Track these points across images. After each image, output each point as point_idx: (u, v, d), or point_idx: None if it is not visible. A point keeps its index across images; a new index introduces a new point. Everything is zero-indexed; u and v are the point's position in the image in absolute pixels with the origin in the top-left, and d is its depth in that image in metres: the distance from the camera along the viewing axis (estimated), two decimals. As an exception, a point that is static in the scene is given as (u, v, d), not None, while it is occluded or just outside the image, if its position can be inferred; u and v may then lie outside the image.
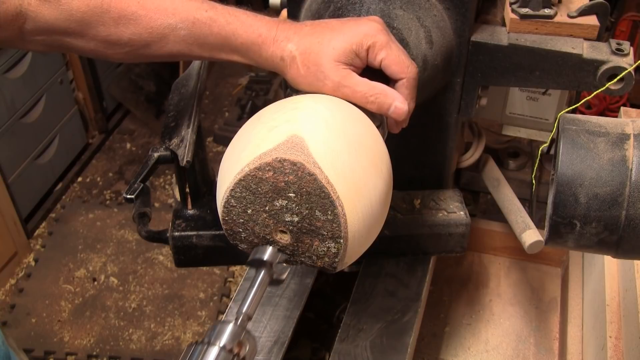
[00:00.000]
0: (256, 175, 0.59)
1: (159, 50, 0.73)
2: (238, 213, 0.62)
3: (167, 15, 0.71)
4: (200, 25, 0.71)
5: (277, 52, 0.69)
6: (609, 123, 0.62)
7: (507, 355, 1.07)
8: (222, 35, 0.71)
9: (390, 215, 0.90)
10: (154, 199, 2.77)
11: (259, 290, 0.59)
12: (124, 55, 0.75)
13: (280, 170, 0.58)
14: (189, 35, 0.71)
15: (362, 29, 0.67)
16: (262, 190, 0.59)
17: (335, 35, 0.67)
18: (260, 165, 0.59)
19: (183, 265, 0.93)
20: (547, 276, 1.19)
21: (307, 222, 0.60)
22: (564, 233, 0.61)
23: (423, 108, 0.88)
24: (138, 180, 0.82)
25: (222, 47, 0.72)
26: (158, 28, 0.71)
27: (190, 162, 0.84)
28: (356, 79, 0.67)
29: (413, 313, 0.90)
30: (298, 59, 0.68)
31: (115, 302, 2.35)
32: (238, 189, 0.60)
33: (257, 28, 0.70)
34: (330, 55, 0.66)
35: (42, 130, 2.60)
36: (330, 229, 0.59)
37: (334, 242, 0.60)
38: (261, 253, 0.60)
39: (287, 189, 0.59)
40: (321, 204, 0.58)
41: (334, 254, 0.60)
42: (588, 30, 0.84)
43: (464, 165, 1.09)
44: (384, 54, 0.67)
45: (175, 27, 0.71)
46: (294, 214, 0.60)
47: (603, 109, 2.79)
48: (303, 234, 0.60)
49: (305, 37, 0.68)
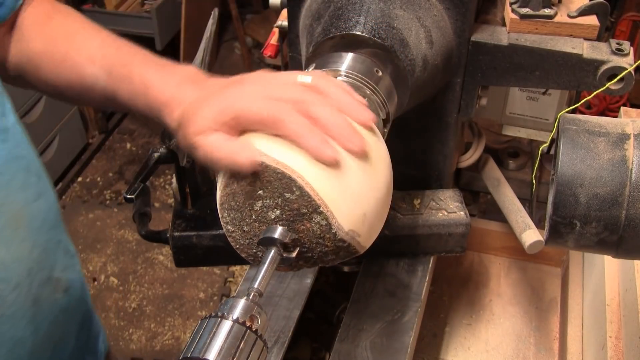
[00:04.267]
0: (227, 193, 0.61)
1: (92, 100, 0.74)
2: (240, 235, 0.63)
3: (93, 65, 0.71)
4: (114, 80, 0.70)
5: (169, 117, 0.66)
6: (609, 123, 0.62)
7: (507, 355, 1.07)
8: (130, 94, 0.69)
9: (390, 215, 0.90)
10: (154, 199, 2.77)
11: (269, 267, 0.59)
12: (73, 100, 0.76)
13: (240, 176, 0.60)
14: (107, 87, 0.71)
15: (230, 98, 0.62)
16: (240, 202, 0.61)
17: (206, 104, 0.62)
18: (225, 183, 0.61)
19: (183, 265, 0.93)
20: (547, 276, 1.19)
21: (288, 209, 0.59)
22: (564, 233, 0.61)
23: (423, 108, 0.89)
24: (138, 180, 0.82)
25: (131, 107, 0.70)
26: (86, 76, 0.71)
27: (190, 162, 0.84)
28: (210, 139, 0.60)
29: (413, 313, 0.90)
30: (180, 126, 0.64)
31: (115, 302, 2.35)
32: (224, 213, 0.62)
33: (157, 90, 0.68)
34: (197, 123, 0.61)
35: (42, 130, 2.60)
36: (306, 203, 0.59)
37: (317, 214, 0.59)
38: (271, 231, 0.60)
39: (255, 189, 0.60)
40: (284, 186, 0.58)
41: (327, 225, 0.59)
42: (588, 30, 0.84)
43: (464, 165, 1.09)
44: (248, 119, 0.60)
45: (97, 78, 0.71)
46: (273, 208, 0.60)
47: (603, 109, 2.79)
48: (293, 223, 0.60)
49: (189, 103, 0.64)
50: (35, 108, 2.51)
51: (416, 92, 0.79)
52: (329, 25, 0.76)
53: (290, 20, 0.88)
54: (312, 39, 0.78)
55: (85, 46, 0.73)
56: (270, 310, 0.91)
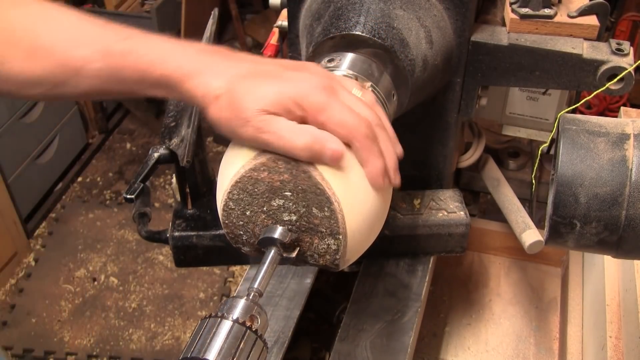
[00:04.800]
0: (251, 176, 0.59)
1: (76, 88, 0.66)
2: (237, 215, 0.62)
3: (80, 46, 0.64)
4: (115, 57, 0.63)
5: (199, 88, 0.60)
6: (609, 123, 0.62)
7: (507, 355, 1.07)
8: (139, 68, 0.63)
9: (390, 215, 0.90)
10: (154, 199, 2.77)
11: (269, 267, 0.59)
12: (40, 95, 0.68)
13: (275, 170, 0.58)
14: (104, 68, 0.64)
15: (299, 86, 0.59)
16: (258, 191, 0.60)
17: (269, 83, 0.59)
18: (254, 166, 0.59)
19: (183, 265, 0.93)
20: (547, 276, 1.19)
21: (305, 220, 0.60)
22: (564, 233, 0.61)
23: (423, 108, 0.89)
24: (138, 180, 0.82)
25: (140, 81, 0.64)
26: (71, 60, 0.64)
27: (190, 162, 0.84)
28: (281, 123, 0.57)
29: (413, 313, 0.90)
30: (223, 99, 0.59)
31: (115, 302, 2.35)
32: (235, 191, 0.60)
33: (176, 59, 0.62)
34: (256, 101, 0.58)
35: (42, 130, 2.60)
36: (329, 225, 0.59)
37: (333, 238, 0.60)
38: (271, 231, 0.60)
39: (282, 188, 0.59)
40: (317, 201, 0.58)
41: (334, 250, 0.61)
42: (588, 30, 0.84)
43: (464, 165, 1.09)
44: (323, 118, 0.58)
45: (89, 60, 0.64)
46: (291, 212, 0.60)
47: (603, 109, 2.79)
48: (302, 232, 0.60)
49: (237, 77, 0.60)
50: (35, 108, 2.51)
51: (416, 92, 0.79)
52: (329, 25, 0.76)
53: (290, 20, 0.88)
54: (312, 39, 0.78)
55: (59, 28, 0.66)
56: (270, 310, 0.91)
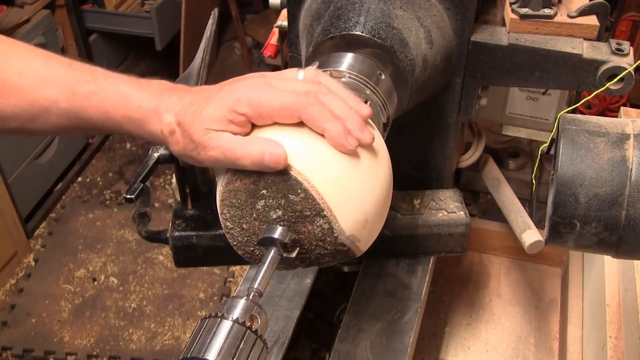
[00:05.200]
0: (229, 189, 0.61)
1: (45, 124, 0.68)
2: (239, 233, 0.63)
3: (47, 87, 0.66)
4: (80, 98, 0.66)
5: (157, 125, 0.63)
6: (609, 123, 0.62)
7: (507, 355, 1.07)
8: (103, 109, 0.65)
9: (390, 215, 0.90)
10: (154, 199, 2.77)
11: (269, 267, 0.59)
12: (13, 131, 0.70)
13: (244, 174, 0.60)
14: (70, 108, 0.66)
15: (233, 94, 0.60)
16: (241, 200, 0.61)
17: (208, 104, 0.61)
18: (228, 179, 0.61)
19: (183, 265, 0.93)
20: (547, 276, 1.19)
21: (290, 210, 0.60)
22: (564, 233, 0.61)
23: (423, 108, 0.89)
24: (138, 180, 0.82)
25: (104, 121, 0.66)
26: (39, 100, 0.66)
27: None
28: (224, 138, 0.59)
29: (413, 313, 0.90)
30: (176, 131, 0.62)
31: (115, 302, 2.35)
32: (225, 210, 0.62)
33: (137, 100, 0.64)
34: (200, 123, 0.60)
35: (42, 130, 2.60)
36: (309, 206, 0.59)
37: (320, 217, 0.59)
38: (271, 231, 0.60)
39: (257, 188, 0.60)
40: (289, 187, 0.59)
41: (329, 229, 0.60)
42: (588, 30, 0.84)
43: (464, 165, 1.09)
44: (263, 111, 0.59)
45: (55, 100, 0.66)
46: (275, 208, 0.60)
47: (603, 109, 2.79)
48: (295, 224, 0.60)
49: (185, 107, 0.62)
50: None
51: (416, 92, 0.79)
52: (329, 25, 0.76)
53: (290, 20, 0.88)
54: (312, 39, 0.78)
55: (28, 68, 0.68)
56: (270, 310, 0.91)
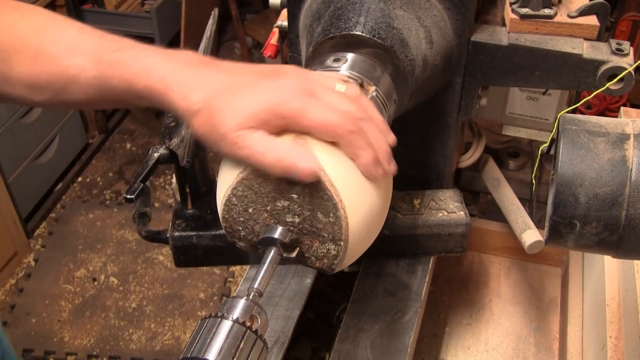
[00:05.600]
0: (259, 174, 0.59)
1: (76, 95, 0.67)
2: (239, 211, 0.62)
3: (77, 55, 0.66)
4: (105, 67, 0.64)
5: (181, 102, 0.60)
6: (609, 123, 0.62)
7: (507, 355, 1.07)
8: (126, 79, 0.63)
9: (390, 215, 0.90)
10: (154, 199, 2.77)
11: (269, 267, 0.59)
12: (48, 101, 0.70)
13: None
14: (97, 77, 0.65)
15: (276, 95, 0.58)
16: (264, 189, 0.60)
17: (245, 96, 0.58)
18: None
19: (183, 265, 0.93)
20: (547, 276, 1.19)
21: (309, 224, 0.60)
22: (564, 233, 0.61)
23: (423, 108, 0.88)
24: (138, 180, 0.82)
25: (126, 91, 0.64)
26: (68, 68, 0.66)
27: (190, 162, 0.84)
28: (255, 138, 0.57)
29: (413, 313, 0.90)
30: (202, 114, 0.59)
31: (115, 302, 2.35)
32: (240, 187, 0.60)
33: (161, 71, 0.62)
34: (233, 116, 0.57)
35: (42, 130, 2.60)
36: (332, 231, 0.59)
37: (334, 244, 0.60)
38: (271, 232, 0.60)
39: (289, 190, 0.59)
40: (323, 206, 0.58)
41: (334, 255, 0.61)
42: (588, 30, 0.84)
43: (464, 165, 1.09)
44: (304, 122, 0.58)
45: (83, 68, 0.65)
46: (295, 214, 0.60)
47: (603, 109, 2.79)
48: (303, 234, 0.60)
49: (215, 91, 0.59)
50: (35, 108, 2.51)
51: (416, 92, 0.79)
52: (329, 25, 0.76)
53: (290, 20, 0.88)
54: (312, 39, 0.78)
55: (61, 37, 0.67)
56: (270, 310, 0.91)
